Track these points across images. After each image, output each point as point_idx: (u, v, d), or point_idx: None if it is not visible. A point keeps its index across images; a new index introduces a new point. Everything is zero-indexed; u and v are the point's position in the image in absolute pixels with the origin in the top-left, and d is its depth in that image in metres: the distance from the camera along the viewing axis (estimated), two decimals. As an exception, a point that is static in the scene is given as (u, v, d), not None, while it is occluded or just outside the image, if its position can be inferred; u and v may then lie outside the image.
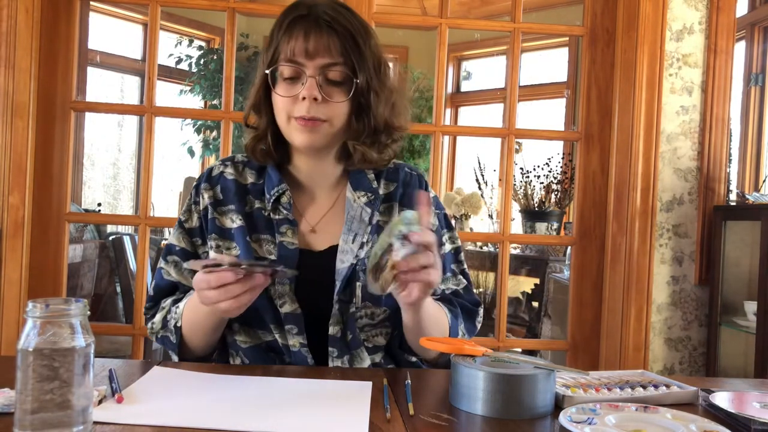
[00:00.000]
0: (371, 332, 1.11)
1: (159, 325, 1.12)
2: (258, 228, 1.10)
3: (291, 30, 1.04)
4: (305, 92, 1.03)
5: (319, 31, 1.03)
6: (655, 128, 2.04)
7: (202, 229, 1.14)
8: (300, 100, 1.04)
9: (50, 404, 0.63)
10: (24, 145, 1.92)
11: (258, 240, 1.10)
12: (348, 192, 1.14)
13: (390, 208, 1.15)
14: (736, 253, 2.07)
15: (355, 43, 1.05)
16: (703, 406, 0.87)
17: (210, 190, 1.14)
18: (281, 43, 1.05)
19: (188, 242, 1.15)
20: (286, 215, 1.10)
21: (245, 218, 1.11)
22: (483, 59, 5.77)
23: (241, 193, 1.13)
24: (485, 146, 4.57)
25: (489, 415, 0.79)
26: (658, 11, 2.02)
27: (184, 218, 1.16)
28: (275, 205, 1.11)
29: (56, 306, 0.65)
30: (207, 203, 1.13)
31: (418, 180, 1.19)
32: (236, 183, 1.14)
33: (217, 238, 1.11)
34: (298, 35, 1.03)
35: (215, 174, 1.16)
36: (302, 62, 1.04)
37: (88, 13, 4.23)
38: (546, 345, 2.97)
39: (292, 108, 1.05)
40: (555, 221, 3.49)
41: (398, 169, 1.19)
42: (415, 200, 1.08)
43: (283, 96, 1.05)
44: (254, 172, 1.16)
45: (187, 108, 4.58)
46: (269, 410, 0.78)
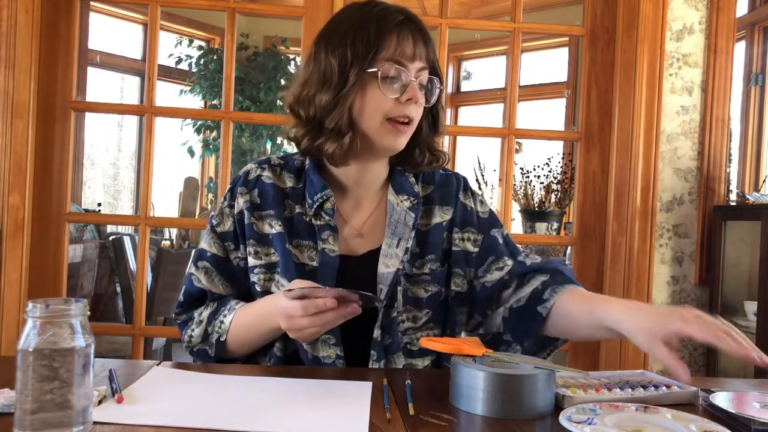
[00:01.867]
0: (416, 335, 1.10)
1: (198, 339, 1.09)
2: (299, 233, 1.08)
3: (399, 31, 1.04)
4: (410, 94, 1.03)
5: (421, 36, 1.06)
6: (655, 128, 2.03)
7: (236, 233, 1.11)
8: (402, 102, 1.03)
9: (50, 404, 0.63)
10: (24, 145, 1.92)
11: (299, 246, 1.08)
12: (390, 195, 1.13)
13: (429, 211, 1.15)
14: (736, 253, 2.06)
15: (436, 53, 1.10)
16: (703, 406, 0.87)
17: (247, 194, 1.11)
18: (385, 42, 1.03)
19: (220, 247, 1.12)
20: (328, 221, 1.08)
21: (285, 223, 1.09)
22: (483, 59, 5.77)
23: (280, 198, 1.11)
24: (485, 146, 4.57)
25: (489, 415, 0.79)
26: (658, 11, 2.02)
27: (216, 222, 1.13)
28: (318, 211, 1.09)
29: (56, 306, 0.65)
30: (243, 207, 1.10)
31: (454, 178, 1.20)
32: (275, 187, 1.11)
33: (255, 243, 1.09)
34: (407, 37, 1.04)
35: (252, 177, 1.13)
36: (407, 64, 1.04)
37: (88, 13, 4.23)
38: (546, 345, 2.97)
39: (390, 109, 1.04)
40: (555, 221, 3.49)
41: (433, 171, 1.19)
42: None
43: (389, 96, 1.03)
44: (293, 176, 1.13)
45: (187, 108, 4.58)
46: (269, 410, 0.78)
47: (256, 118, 4.91)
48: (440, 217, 1.15)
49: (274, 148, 5.40)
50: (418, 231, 1.12)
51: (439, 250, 1.13)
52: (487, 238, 1.15)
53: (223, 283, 1.12)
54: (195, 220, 4.32)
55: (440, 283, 1.12)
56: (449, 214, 1.16)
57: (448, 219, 1.15)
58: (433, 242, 1.12)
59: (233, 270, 1.12)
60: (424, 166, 1.15)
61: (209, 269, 1.11)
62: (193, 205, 4.72)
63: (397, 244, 1.09)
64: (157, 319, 3.12)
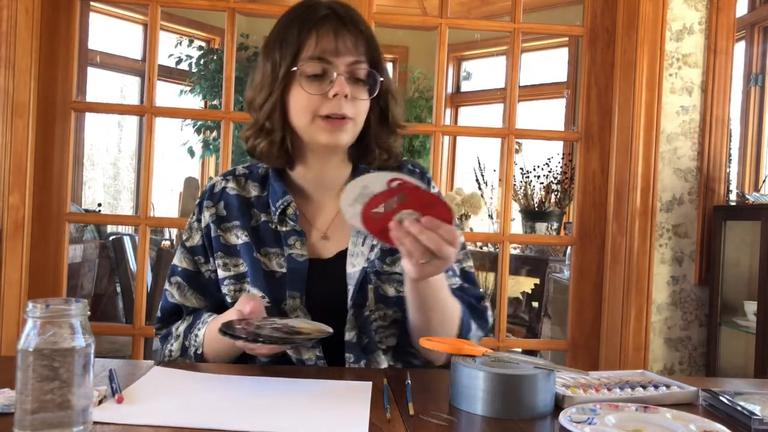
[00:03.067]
0: (384, 333, 1.10)
1: (178, 353, 1.12)
2: (266, 242, 1.09)
3: (318, 28, 1.04)
4: (337, 89, 1.02)
5: (346, 29, 1.05)
6: (655, 128, 2.04)
7: (204, 247, 1.13)
8: (329, 98, 1.03)
9: (50, 404, 0.64)
10: (24, 145, 1.92)
11: (267, 254, 1.09)
12: None
13: None
14: (736, 253, 2.06)
15: (376, 46, 1.08)
16: (704, 406, 0.87)
17: (213, 207, 1.13)
18: (306, 41, 1.04)
19: (190, 261, 1.14)
20: (294, 227, 1.09)
21: (251, 233, 1.10)
22: (483, 59, 5.77)
23: (245, 208, 1.12)
24: (485, 146, 4.57)
25: (489, 415, 0.79)
26: (658, 11, 2.02)
27: (186, 237, 1.15)
28: (282, 217, 1.10)
29: (56, 306, 0.65)
30: (209, 221, 1.12)
31: (420, 176, 1.17)
32: (239, 198, 1.13)
33: (223, 255, 1.11)
34: (327, 33, 1.04)
35: (217, 190, 1.15)
36: (331, 60, 1.04)
37: (88, 13, 4.23)
38: (546, 345, 2.97)
39: (318, 106, 1.04)
40: (555, 221, 3.49)
41: (401, 167, 1.18)
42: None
43: (311, 93, 1.04)
44: (257, 185, 1.14)
45: (187, 108, 4.58)
46: (269, 410, 0.78)
47: (256, 118, 4.91)
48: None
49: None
50: None
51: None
52: None
53: (195, 296, 1.14)
54: (195, 220, 4.31)
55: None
56: None
57: None
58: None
59: (205, 283, 1.14)
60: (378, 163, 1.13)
61: (181, 284, 1.14)
62: (193, 205, 4.70)
63: (362, 242, 1.09)
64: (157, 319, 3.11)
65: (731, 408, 0.82)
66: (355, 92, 1.05)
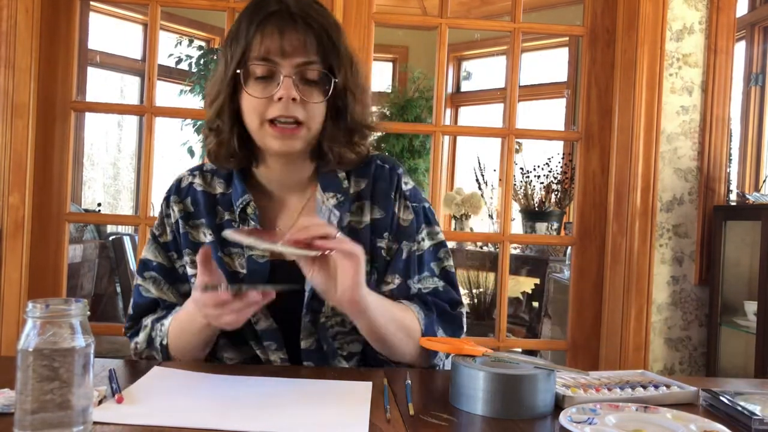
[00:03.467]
0: (344, 339, 1.06)
1: (144, 345, 1.08)
2: (229, 241, 1.04)
3: (263, 26, 0.97)
4: (282, 92, 0.96)
5: (294, 27, 0.97)
6: (655, 128, 2.03)
7: (176, 242, 1.10)
8: (275, 101, 0.97)
9: (50, 404, 0.63)
10: (24, 145, 1.92)
11: (230, 254, 1.06)
12: (318, 193, 1.08)
13: (361, 207, 1.08)
14: (736, 253, 2.06)
15: (331, 41, 0.99)
16: (704, 406, 0.87)
17: (180, 203, 1.10)
18: (252, 40, 0.97)
19: (164, 257, 1.11)
20: (254, 227, 1.05)
21: (216, 231, 1.07)
22: (483, 59, 5.77)
23: (211, 205, 1.09)
24: (485, 146, 4.57)
25: (489, 415, 0.79)
26: (658, 11, 2.02)
27: (158, 232, 1.12)
28: (242, 216, 1.06)
29: (56, 306, 0.65)
30: (177, 217, 1.09)
31: (389, 173, 1.10)
32: (205, 194, 1.10)
33: (191, 253, 1.08)
34: (272, 32, 0.96)
35: (184, 185, 1.12)
36: (277, 61, 0.97)
37: (88, 13, 4.22)
38: (546, 345, 2.97)
39: (265, 110, 0.98)
40: (555, 221, 3.49)
41: (369, 163, 1.11)
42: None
43: (256, 97, 0.98)
44: (223, 182, 1.10)
45: (187, 108, 4.57)
46: (269, 410, 0.78)
47: (256, 118, 4.91)
48: (371, 215, 1.08)
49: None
50: (352, 229, 1.06)
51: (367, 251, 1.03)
52: (397, 250, 1.08)
53: (172, 291, 1.11)
54: (195, 220, 4.32)
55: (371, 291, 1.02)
56: (378, 214, 1.08)
57: (376, 219, 1.08)
58: (364, 242, 1.04)
59: (179, 278, 1.11)
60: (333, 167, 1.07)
61: (157, 278, 1.11)
62: (193, 205, 4.71)
63: None
64: (157, 319, 3.11)
65: (731, 408, 0.82)
66: (306, 94, 0.98)
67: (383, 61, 5.76)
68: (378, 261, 1.07)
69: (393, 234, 1.08)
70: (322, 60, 0.99)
